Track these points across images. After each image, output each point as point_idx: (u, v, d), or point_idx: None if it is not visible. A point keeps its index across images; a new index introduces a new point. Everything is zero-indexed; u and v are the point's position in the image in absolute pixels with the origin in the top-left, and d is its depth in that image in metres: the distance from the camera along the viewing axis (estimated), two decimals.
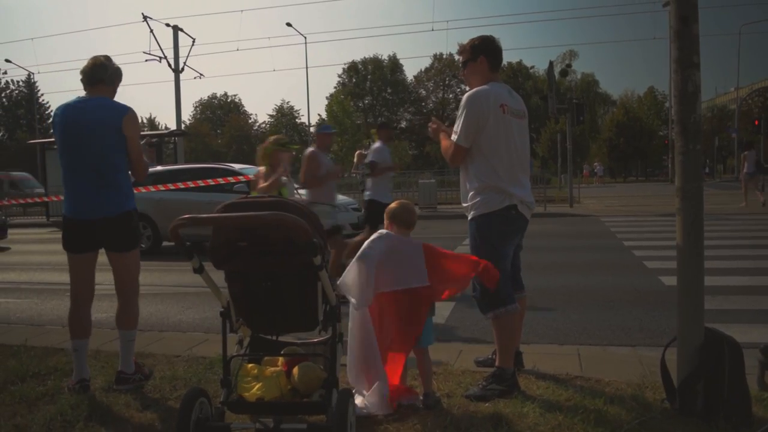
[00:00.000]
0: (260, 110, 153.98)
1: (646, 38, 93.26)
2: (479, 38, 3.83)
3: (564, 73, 63.54)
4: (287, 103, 79.29)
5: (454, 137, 3.69)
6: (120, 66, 4.10)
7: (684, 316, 3.32)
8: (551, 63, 22.73)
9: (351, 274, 3.36)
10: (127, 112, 3.91)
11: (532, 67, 70.64)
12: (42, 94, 65.74)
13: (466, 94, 3.67)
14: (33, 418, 3.49)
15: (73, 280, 4.03)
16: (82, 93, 4.04)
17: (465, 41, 3.93)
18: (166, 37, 27.81)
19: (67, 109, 3.94)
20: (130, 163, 4.01)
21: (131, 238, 4.03)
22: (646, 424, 3.16)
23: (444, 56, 71.70)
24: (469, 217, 3.75)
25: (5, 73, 55.55)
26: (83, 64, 4.01)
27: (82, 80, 3.99)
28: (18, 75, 66.25)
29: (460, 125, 3.64)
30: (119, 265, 4.01)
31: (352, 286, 3.36)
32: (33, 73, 51.52)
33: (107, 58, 4.03)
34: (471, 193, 3.71)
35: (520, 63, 69.14)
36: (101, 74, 3.97)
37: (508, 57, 67.43)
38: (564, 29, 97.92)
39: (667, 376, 3.41)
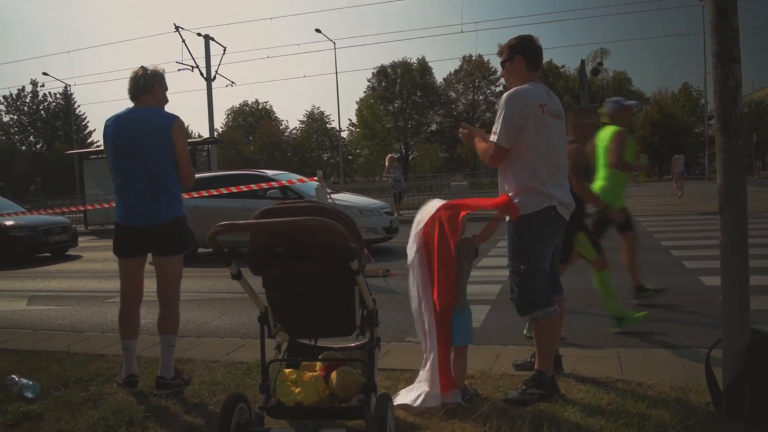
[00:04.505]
0: (291, 116, 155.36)
1: (679, 34, 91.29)
2: (516, 38, 3.79)
3: (595, 71, 62.62)
4: (318, 108, 79.56)
5: (494, 138, 3.61)
6: (155, 68, 4.17)
7: (729, 316, 3.24)
8: (583, 62, 22.47)
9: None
10: (175, 120, 4.05)
11: (563, 66, 70.01)
12: (78, 106, 67.41)
13: (506, 94, 3.61)
14: (76, 423, 3.56)
15: (123, 284, 4.17)
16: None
17: (497, 42, 3.91)
18: (197, 46, 28.30)
19: (118, 120, 4.06)
20: (178, 169, 4.10)
21: (180, 242, 4.13)
22: (692, 429, 3.09)
23: (473, 58, 71.43)
24: (507, 219, 3.71)
25: (43, 85, 57.07)
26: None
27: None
28: (55, 87, 68.11)
29: (500, 125, 3.56)
30: (164, 268, 4.10)
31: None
32: (69, 85, 52.53)
33: (141, 68, 4.13)
34: (510, 194, 3.66)
35: (550, 63, 68.43)
36: (137, 87, 4.09)
37: None
38: (594, 27, 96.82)
39: (712, 379, 3.33)
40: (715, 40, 3.19)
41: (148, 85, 4.09)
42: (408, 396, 3.61)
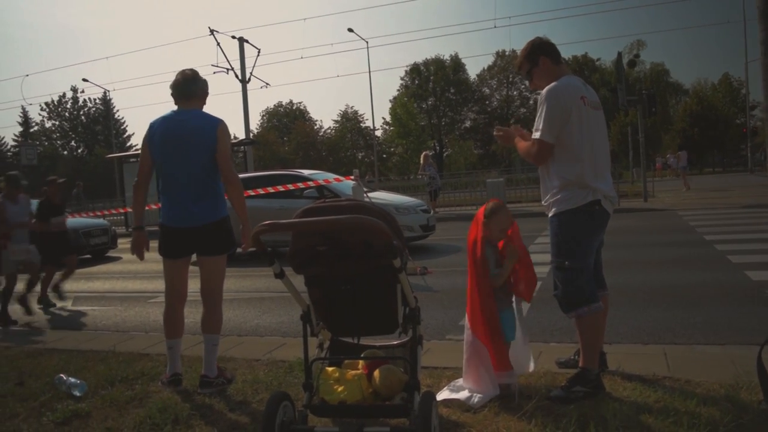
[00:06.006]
0: (325, 116, 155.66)
1: (718, 23, 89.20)
2: (527, 45, 3.76)
3: (632, 63, 61.62)
4: (351, 107, 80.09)
5: (537, 135, 3.54)
6: (205, 78, 4.25)
7: None
8: (620, 54, 22.00)
9: None
10: (219, 123, 4.10)
11: (598, 59, 68.96)
12: (117, 110, 68.89)
13: (546, 89, 3.55)
14: (123, 421, 3.63)
15: (168, 284, 4.23)
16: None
17: (531, 36, 3.85)
18: (232, 49, 28.67)
19: (165, 122, 4.11)
20: (221, 171, 4.12)
21: (224, 243, 4.17)
22: (744, 427, 3.01)
23: (506, 53, 70.81)
24: (550, 214, 3.64)
25: (83, 91, 58.48)
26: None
27: (173, 94, 4.16)
28: (94, 93, 69.65)
29: (543, 121, 3.50)
30: (208, 268, 4.16)
31: None
32: (108, 91, 53.96)
33: (195, 73, 4.20)
34: (553, 190, 3.60)
35: (585, 56, 67.54)
36: (193, 88, 4.15)
37: (574, 50, 66.03)
38: (630, 19, 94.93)
39: (764, 376, 3.24)
40: (762, 27, 3.12)
41: (203, 91, 4.18)
42: (452, 393, 3.60)
